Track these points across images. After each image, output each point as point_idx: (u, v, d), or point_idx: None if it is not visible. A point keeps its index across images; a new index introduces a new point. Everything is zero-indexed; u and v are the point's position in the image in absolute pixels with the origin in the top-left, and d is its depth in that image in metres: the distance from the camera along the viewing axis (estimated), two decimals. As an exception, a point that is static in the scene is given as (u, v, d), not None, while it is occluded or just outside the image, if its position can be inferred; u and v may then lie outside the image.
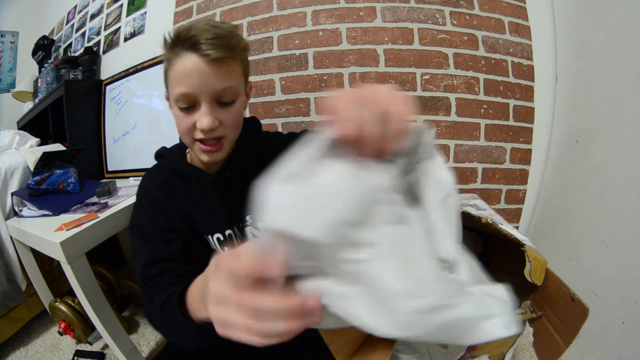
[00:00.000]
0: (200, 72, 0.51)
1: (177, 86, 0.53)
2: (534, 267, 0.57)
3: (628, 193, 0.82)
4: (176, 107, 0.55)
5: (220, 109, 0.55)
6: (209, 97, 0.53)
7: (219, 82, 0.52)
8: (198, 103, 0.53)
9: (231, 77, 0.54)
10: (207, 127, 0.53)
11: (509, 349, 0.64)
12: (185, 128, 0.55)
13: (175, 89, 0.53)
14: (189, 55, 0.51)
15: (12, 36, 2.22)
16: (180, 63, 0.52)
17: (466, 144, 1.18)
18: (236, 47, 0.53)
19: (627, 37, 0.85)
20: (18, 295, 1.10)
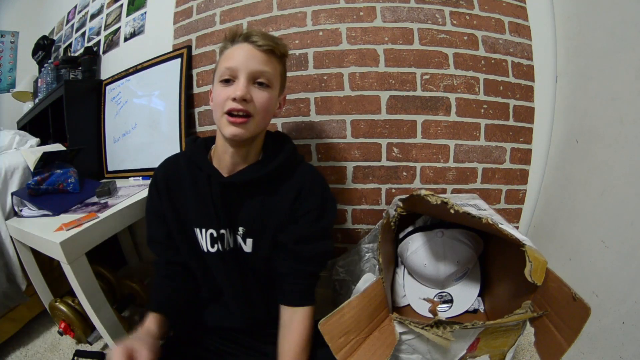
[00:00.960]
0: (246, 52, 0.63)
1: (224, 62, 0.64)
2: (535, 267, 0.57)
3: (628, 193, 0.82)
4: (217, 83, 0.64)
5: (255, 88, 0.63)
6: (248, 74, 0.62)
7: (259, 64, 0.63)
8: (237, 79, 0.62)
9: (270, 66, 0.64)
10: (240, 94, 0.60)
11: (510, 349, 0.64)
12: (220, 100, 0.63)
13: (222, 65, 0.64)
14: (242, 44, 0.64)
15: (12, 36, 2.22)
16: (233, 48, 0.64)
17: (466, 144, 1.18)
18: (279, 46, 0.66)
19: (627, 37, 0.85)
20: (18, 295, 1.10)
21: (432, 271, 0.84)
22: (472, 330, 0.59)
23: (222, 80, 0.63)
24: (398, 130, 1.18)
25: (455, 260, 0.84)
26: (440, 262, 0.83)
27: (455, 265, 0.84)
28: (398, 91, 1.16)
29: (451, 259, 0.83)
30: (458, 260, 0.84)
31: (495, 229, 0.60)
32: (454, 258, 0.84)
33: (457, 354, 0.62)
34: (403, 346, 0.61)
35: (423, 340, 0.59)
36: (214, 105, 0.65)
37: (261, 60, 0.63)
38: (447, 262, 0.83)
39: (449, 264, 0.83)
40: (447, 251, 0.84)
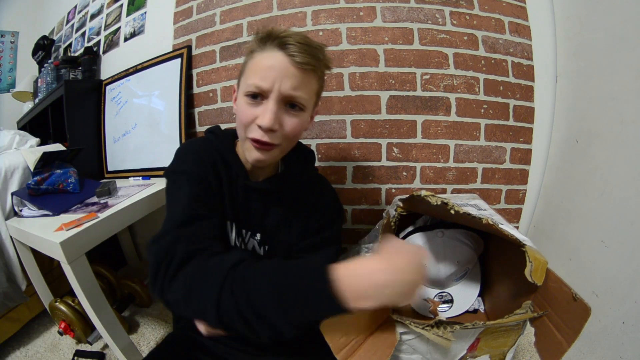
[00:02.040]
0: (281, 69, 0.52)
1: (254, 76, 0.53)
2: (535, 268, 0.57)
3: (628, 193, 0.82)
4: (243, 97, 0.55)
5: (284, 113, 0.55)
6: (279, 97, 0.53)
7: (294, 87, 0.53)
8: (265, 100, 0.53)
9: (306, 88, 0.55)
10: (267, 125, 0.52)
11: (510, 349, 0.64)
12: (246, 120, 0.55)
13: (251, 78, 0.53)
14: (275, 52, 0.52)
15: (12, 36, 2.22)
16: (264, 56, 0.53)
17: (466, 144, 1.18)
18: (321, 61, 0.56)
19: (627, 37, 0.85)
20: (18, 295, 1.10)
21: (433, 271, 0.84)
22: (473, 331, 0.59)
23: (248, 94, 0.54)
24: (398, 130, 1.18)
25: (455, 261, 0.84)
26: (440, 262, 0.84)
27: (455, 265, 0.84)
28: (398, 91, 1.16)
29: (451, 259, 0.84)
30: (458, 261, 0.84)
31: (496, 229, 0.60)
32: (454, 258, 0.84)
33: (458, 354, 0.62)
34: (403, 346, 0.61)
35: (423, 341, 0.59)
36: (239, 120, 0.57)
37: (298, 81, 0.53)
38: (447, 262, 0.84)
39: (449, 264, 0.84)
40: (447, 251, 0.84)
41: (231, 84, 1.28)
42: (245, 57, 0.59)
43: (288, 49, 0.52)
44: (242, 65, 0.59)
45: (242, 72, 0.58)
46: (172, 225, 0.51)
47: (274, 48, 0.53)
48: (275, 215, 0.67)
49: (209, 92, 1.32)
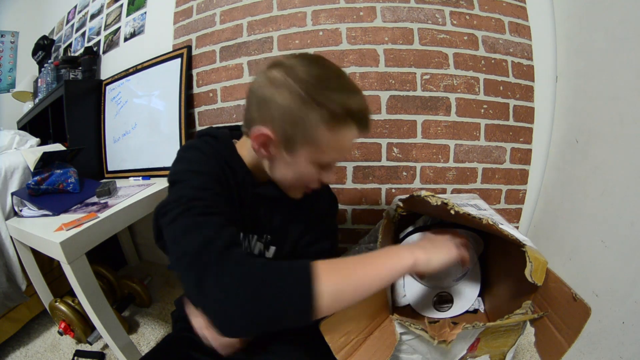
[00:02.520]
0: (353, 143, 0.55)
1: (337, 155, 0.54)
2: (535, 268, 0.57)
3: (628, 193, 0.82)
4: (312, 164, 0.54)
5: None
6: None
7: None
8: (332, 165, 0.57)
9: None
10: (332, 182, 0.61)
11: (510, 349, 0.64)
12: (310, 180, 0.58)
13: (332, 156, 0.54)
14: (352, 129, 0.52)
15: (12, 36, 2.22)
16: (347, 135, 0.52)
17: (466, 144, 1.18)
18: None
19: (627, 37, 0.85)
20: (18, 295, 1.10)
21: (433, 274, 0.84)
22: (473, 331, 0.59)
23: (319, 165, 0.55)
24: (398, 130, 1.18)
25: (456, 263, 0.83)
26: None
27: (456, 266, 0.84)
28: (398, 91, 1.16)
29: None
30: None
31: (496, 229, 0.60)
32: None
33: (458, 354, 0.62)
34: (403, 346, 0.61)
35: (423, 341, 0.59)
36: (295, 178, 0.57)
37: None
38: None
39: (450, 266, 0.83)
40: None
41: (231, 84, 1.28)
42: (316, 125, 0.50)
43: (365, 126, 0.53)
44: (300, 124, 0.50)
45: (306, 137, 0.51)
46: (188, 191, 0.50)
47: (354, 125, 0.52)
48: (282, 216, 0.68)
49: (209, 92, 1.32)
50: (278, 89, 0.50)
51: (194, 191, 0.49)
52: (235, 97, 1.28)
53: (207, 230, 0.44)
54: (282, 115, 0.50)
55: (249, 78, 1.25)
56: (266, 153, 0.55)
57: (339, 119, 0.50)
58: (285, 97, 0.49)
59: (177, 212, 0.47)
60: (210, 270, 0.41)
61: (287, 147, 0.53)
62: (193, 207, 0.47)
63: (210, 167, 0.55)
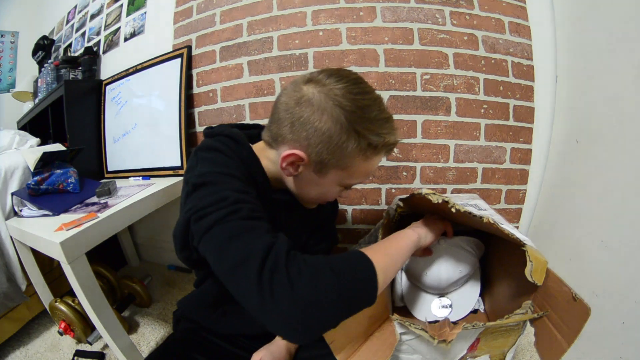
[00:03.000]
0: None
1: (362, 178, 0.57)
2: (535, 267, 0.57)
3: (628, 193, 0.82)
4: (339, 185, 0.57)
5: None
6: None
7: None
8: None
9: None
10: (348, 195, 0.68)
11: (510, 349, 0.64)
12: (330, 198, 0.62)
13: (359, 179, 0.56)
14: (381, 157, 0.55)
15: (12, 36, 2.22)
16: (375, 162, 0.55)
17: (466, 144, 1.18)
18: None
19: (627, 37, 0.85)
20: (18, 295, 1.10)
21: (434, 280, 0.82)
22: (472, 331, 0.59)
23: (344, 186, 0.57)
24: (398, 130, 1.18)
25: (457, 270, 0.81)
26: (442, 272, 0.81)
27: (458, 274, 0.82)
28: (398, 91, 1.16)
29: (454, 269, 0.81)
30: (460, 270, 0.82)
31: (496, 228, 0.60)
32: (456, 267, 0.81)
33: (458, 354, 0.62)
34: (403, 346, 0.61)
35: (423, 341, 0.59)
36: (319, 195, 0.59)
37: None
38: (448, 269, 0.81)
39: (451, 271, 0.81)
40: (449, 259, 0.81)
41: (231, 83, 1.28)
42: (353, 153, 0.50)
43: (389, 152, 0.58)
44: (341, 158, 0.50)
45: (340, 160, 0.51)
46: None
47: (382, 153, 0.55)
48: (295, 220, 0.69)
49: (209, 92, 1.32)
50: (317, 112, 0.48)
51: (236, 194, 0.45)
52: (235, 97, 1.28)
53: (264, 235, 0.41)
54: (319, 140, 0.49)
55: (249, 78, 1.25)
56: (294, 172, 0.54)
57: (376, 151, 0.52)
58: (326, 122, 0.48)
59: (221, 216, 0.42)
60: (282, 274, 0.37)
61: (317, 169, 0.53)
62: (240, 210, 0.43)
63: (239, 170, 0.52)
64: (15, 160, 1.08)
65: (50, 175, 1.05)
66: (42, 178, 1.03)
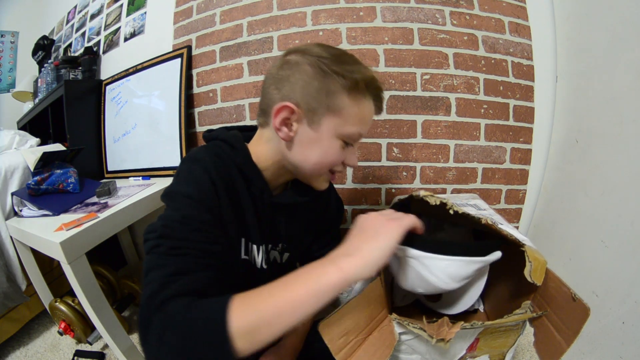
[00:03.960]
0: (372, 119, 0.57)
1: (361, 127, 0.55)
2: (534, 267, 0.57)
3: (628, 193, 0.82)
4: (337, 139, 0.54)
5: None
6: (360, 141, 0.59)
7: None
8: (352, 143, 0.57)
9: None
10: (356, 166, 0.61)
11: (510, 349, 0.64)
12: (335, 161, 0.57)
13: (357, 127, 0.54)
14: (370, 102, 0.55)
15: (12, 36, 2.22)
16: (367, 107, 0.55)
17: (466, 144, 1.18)
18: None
19: (627, 37, 0.85)
20: (18, 295, 1.10)
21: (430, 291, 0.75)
22: (472, 331, 0.59)
23: (344, 141, 0.55)
24: (398, 130, 1.18)
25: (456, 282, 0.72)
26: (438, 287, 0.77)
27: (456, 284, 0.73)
28: (398, 91, 1.16)
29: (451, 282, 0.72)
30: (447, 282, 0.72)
31: (495, 229, 0.60)
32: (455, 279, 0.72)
33: (457, 354, 0.62)
34: (402, 346, 0.61)
35: (422, 341, 0.59)
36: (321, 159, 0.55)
37: None
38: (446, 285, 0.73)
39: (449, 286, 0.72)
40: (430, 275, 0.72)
41: (231, 83, 1.28)
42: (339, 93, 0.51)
43: (379, 101, 0.56)
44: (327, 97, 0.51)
45: (331, 108, 0.51)
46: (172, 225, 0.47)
47: (370, 98, 0.55)
48: (298, 224, 0.69)
49: (209, 92, 1.32)
50: (297, 66, 0.52)
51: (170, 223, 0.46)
52: (235, 97, 1.28)
53: (163, 277, 0.41)
54: (304, 87, 0.51)
55: (249, 78, 1.25)
56: (289, 132, 0.53)
57: (359, 88, 0.52)
58: (306, 70, 0.51)
59: (148, 247, 0.45)
60: (147, 323, 0.38)
61: (310, 121, 0.52)
62: (161, 245, 0.44)
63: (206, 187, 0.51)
64: (15, 160, 1.08)
65: (50, 175, 1.05)
66: (42, 178, 1.03)
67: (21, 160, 1.09)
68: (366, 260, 0.42)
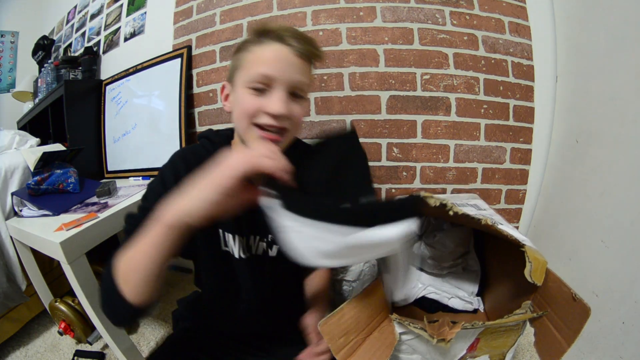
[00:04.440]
0: (285, 59, 0.53)
1: (259, 67, 0.53)
2: (534, 268, 0.57)
3: (628, 193, 0.82)
4: (246, 88, 0.54)
5: (291, 101, 0.55)
6: (286, 86, 0.53)
7: (300, 74, 0.54)
8: (271, 89, 0.53)
9: (307, 75, 0.57)
10: (280, 112, 0.52)
11: (510, 349, 0.64)
12: (250, 110, 0.53)
13: (255, 69, 0.53)
14: (274, 44, 0.53)
15: (12, 36, 2.22)
16: (265, 49, 0.54)
17: (466, 144, 1.18)
18: (316, 51, 0.57)
19: (627, 37, 0.85)
20: (18, 295, 1.10)
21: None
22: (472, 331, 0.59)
23: (252, 86, 0.53)
24: (398, 130, 1.18)
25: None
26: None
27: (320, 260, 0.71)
28: (398, 91, 1.16)
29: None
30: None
31: (495, 229, 0.60)
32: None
33: (457, 354, 0.62)
34: (403, 346, 0.61)
35: (423, 341, 0.59)
36: (239, 112, 0.55)
37: (300, 68, 0.55)
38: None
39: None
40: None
41: (231, 84, 1.28)
42: (238, 53, 0.58)
43: (286, 40, 0.53)
44: (234, 62, 0.59)
45: (236, 67, 0.57)
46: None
47: (272, 41, 0.54)
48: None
49: (209, 92, 1.32)
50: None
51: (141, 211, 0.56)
52: (235, 97, 1.28)
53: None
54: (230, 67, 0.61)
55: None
56: (226, 101, 0.61)
57: (256, 38, 0.55)
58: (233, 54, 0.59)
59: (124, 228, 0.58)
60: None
61: (233, 86, 0.59)
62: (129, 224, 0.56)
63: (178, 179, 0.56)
64: (15, 160, 1.08)
65: (50, 175, 1.05)
66: (42, 178, 1.03)
67: (21, 160, 1.09)
68: (186, 203, 0.41)
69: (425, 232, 0.96)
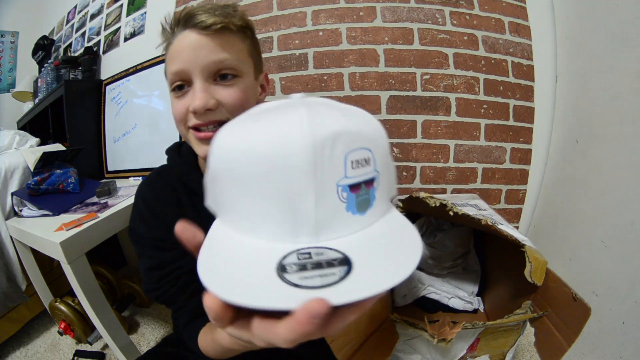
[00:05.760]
0: (192, 44, 0.47)
1: (171, 66, 0.48)
2: (534, 268, 0.57)
3: (628, 193, 0.82)
4: (171, 94, 0.50)
5: (218, 87, 0.48)
6: (203, 72, 0.46)
7: (213, 53, 0.46)
8: (192, 84, 0.47)
9: (229, 50, 0.48)
10: (199, 106, 0.45)
11: (510, 349, 0.64)
12: (178, 115, 0.49)
13: (169, 70, 0.49)
14: (184, 33, 0.48)
15: (12, 36, 2.22)
16: (176, 42, 0.49)
17: (466, 144, 1.18)
18: (233, 17, 0.48)
19: (627, 37, 0.85)
20: (18, 295, 1.10)
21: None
22: (473, 331, 0.59)
23: (174, 90, 0.49)
24: (398, 130, 1.18)
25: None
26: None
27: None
28: (398, 91, 1.16)
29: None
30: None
31: (495, 229, 0.60)
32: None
33: (457, 354, 0.62)
34: (403, 346, 0.61)
35: (423, 340, 0.59)
36: (175, 120, 0.52)
37: (214, 46, 0.46)
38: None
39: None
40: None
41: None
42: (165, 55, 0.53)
43: (193, 21, 0.47)
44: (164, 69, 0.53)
45: (165, 71, 0.52)
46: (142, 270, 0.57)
47: (182, 29, 0.49)
48: None
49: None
50: None
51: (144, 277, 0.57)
52: (235, 97, 1.28)
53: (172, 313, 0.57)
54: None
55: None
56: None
57: (171, 35, 0.50)
58: None
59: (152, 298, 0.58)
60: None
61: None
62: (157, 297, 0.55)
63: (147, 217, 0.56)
64: (15, 160, 1.08)
65: (50, 175, 1.05)
66: (42, 178, 1.03)
67: (21, 160, 1.09)
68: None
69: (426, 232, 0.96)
